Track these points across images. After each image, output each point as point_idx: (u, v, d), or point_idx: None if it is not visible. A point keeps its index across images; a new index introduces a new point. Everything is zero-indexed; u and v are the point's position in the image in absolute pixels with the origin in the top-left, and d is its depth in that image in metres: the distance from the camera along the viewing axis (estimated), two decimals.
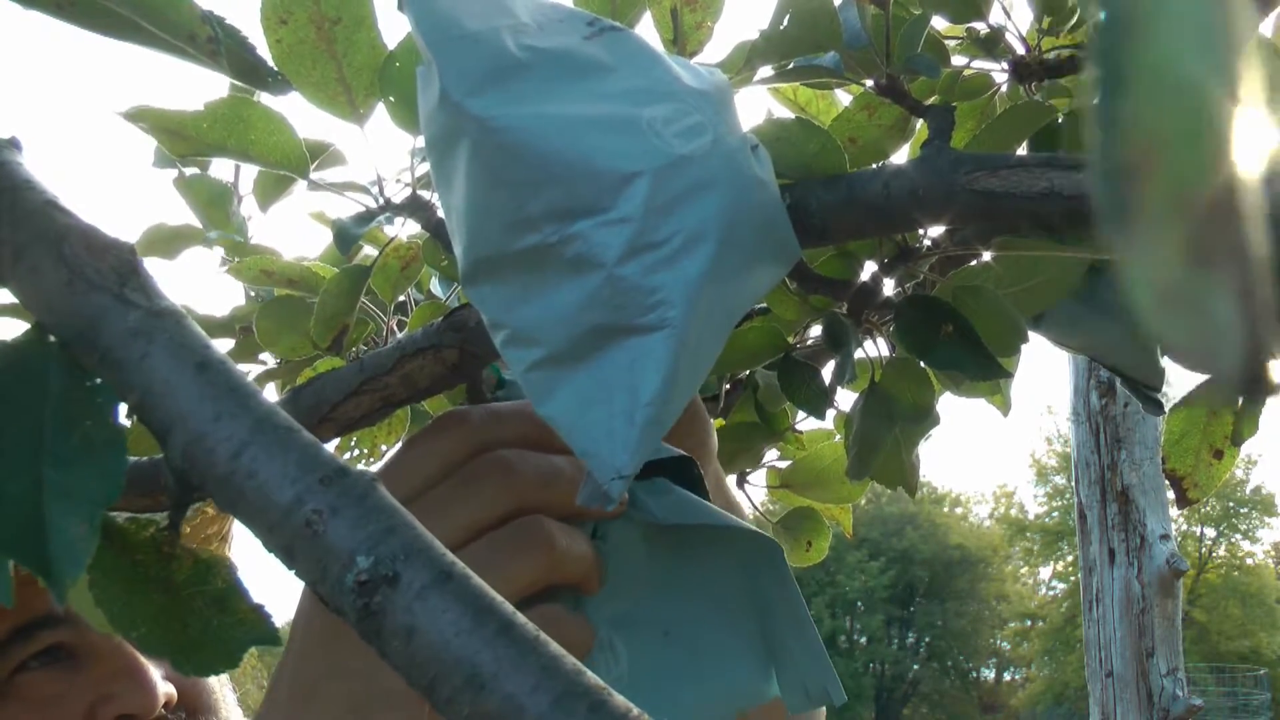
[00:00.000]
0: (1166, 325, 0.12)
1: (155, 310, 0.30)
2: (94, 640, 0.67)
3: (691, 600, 0.50)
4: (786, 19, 0.48)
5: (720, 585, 0.51)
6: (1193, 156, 0.12)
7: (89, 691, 0.66)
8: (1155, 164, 0.12)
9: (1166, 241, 0.12)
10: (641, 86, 0.39)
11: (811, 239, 0.46)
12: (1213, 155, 0.12)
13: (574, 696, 0.24)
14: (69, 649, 0.67)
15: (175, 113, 0.49)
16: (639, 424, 0.37)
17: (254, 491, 0.27)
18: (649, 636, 0.49)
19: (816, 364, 0.59)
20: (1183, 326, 0.12)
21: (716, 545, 0.51)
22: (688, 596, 0.50)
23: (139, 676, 0.67)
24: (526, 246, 0.38)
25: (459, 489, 0.44)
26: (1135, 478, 4.00)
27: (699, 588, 0.51)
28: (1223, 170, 0.12)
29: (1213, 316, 0.12)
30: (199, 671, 0.31)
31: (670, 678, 0.48)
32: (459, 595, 0.26)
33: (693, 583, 0.51)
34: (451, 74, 0.38)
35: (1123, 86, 0.12)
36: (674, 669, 0.48)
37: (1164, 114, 0.12)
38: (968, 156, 0.43)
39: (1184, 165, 0.12)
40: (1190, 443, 0.57)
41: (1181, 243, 0.12)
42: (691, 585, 0.51)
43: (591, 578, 0.47)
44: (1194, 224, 0.12)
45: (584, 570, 0.46)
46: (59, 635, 0.66)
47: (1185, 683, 3.87)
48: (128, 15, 0.33)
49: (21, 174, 0.31)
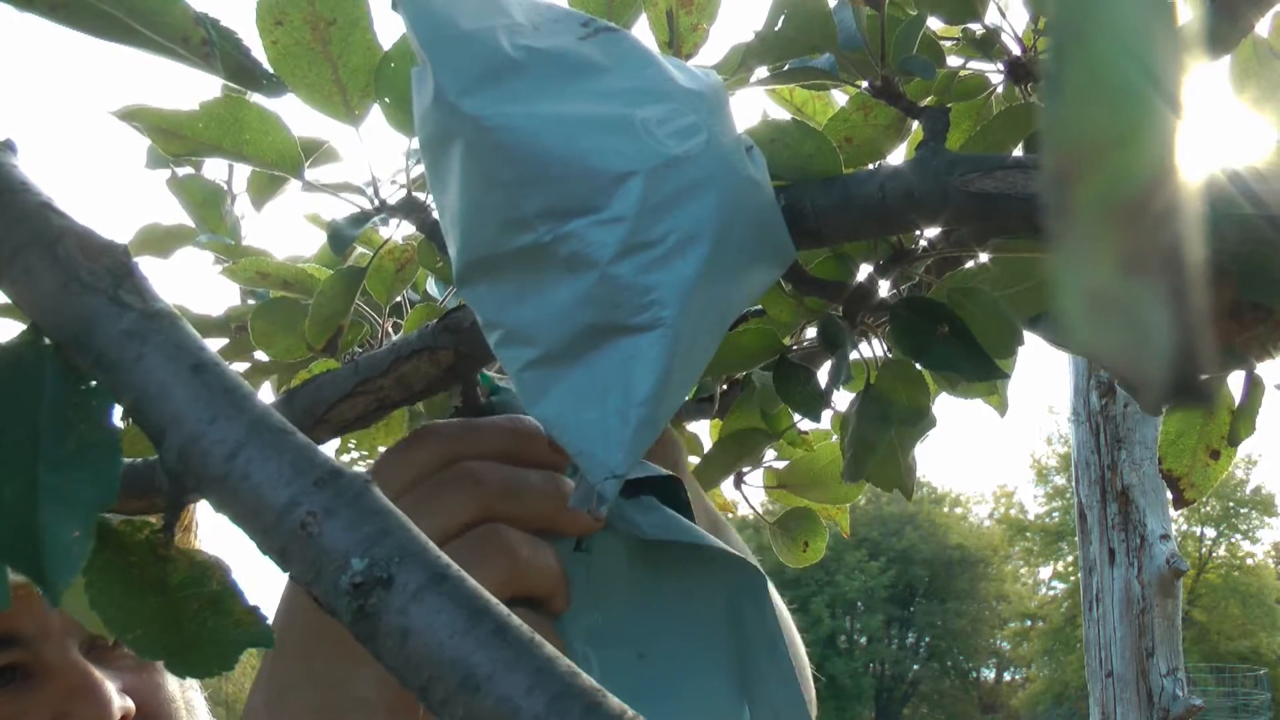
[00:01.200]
0: (1093, 330, 0.12)
1: (150, 312, 0.30)
2: (48, 659, 0.66)
3: (670, 620, 0.50)
4: (781, 20, 0.48)
5: (700, 607, 0.51)
6: (1125, 162, 0.12)
7: (45, 710, 0.66)
8: (1088, 169, 0.12)
9: (1098, 246, 0.12)
10: (636, 87, 0.40)
11: (807, 240, 0.46)
12: (1146, 161, 0.12)
13: (569, 698, 0.24)
14: (24, 668, 0.67)
15: (170, 112, 0.49)
16: (632, 423, 0.37)
17: (249, 493, 0.27)
18: (623, 655, 0.49)
19: (812, 366, 0.59)
20: (1110, 332, 0.12)
21: (699, 566, 0.51)
22: (666, 616, 0.50)
23: (94, 694, 0.66)
24: (521, 246, 0.38)
25: (425, 497, 0.44)
26: (1135, 478, 4.00)
27: (678, 608, 0.51)
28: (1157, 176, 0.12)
29: (1141, 323, 0.12)
30: (195, 673, 0.31)
31: (642, 699, 0.48)
32: (454, 597, 0.26)
33: (672, 602, 0.51)
34: (446, 74, 0.38)
35: (1062, 92, 0.12)
36: (646, 690, 0.48)
37: (1098, 120, 0.12)
38: (963, 158, 0.43)
39: (1116, 171, 0.12)
40: (1187, 443, 0.57)
41: (1112, 247, 0.12)
42: (671, 605, 0.51)
43: (557, 594, 0.46)
44: (1126, 229, 0.12)
45: (549, 585, 0.45)
46: (13, 655, 0.66)
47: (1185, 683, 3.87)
48: (121, 17, 0.33)
49: (16, 176, 0.31)
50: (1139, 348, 0.12)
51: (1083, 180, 0.12)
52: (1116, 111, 0.12)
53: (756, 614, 0.50)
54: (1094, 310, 0.12)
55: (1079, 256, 0.12)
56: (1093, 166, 0.12)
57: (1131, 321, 0.12)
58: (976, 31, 0.53)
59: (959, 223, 0.45)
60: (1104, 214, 0.12)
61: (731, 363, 0.60)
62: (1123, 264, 0.12)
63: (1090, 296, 0.12)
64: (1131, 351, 0.12)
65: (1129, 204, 0.12)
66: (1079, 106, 0.12)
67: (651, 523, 0.49)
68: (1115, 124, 0.12)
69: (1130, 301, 0.12)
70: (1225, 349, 0.49)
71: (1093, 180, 0.12)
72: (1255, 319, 0.47)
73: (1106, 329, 0.12)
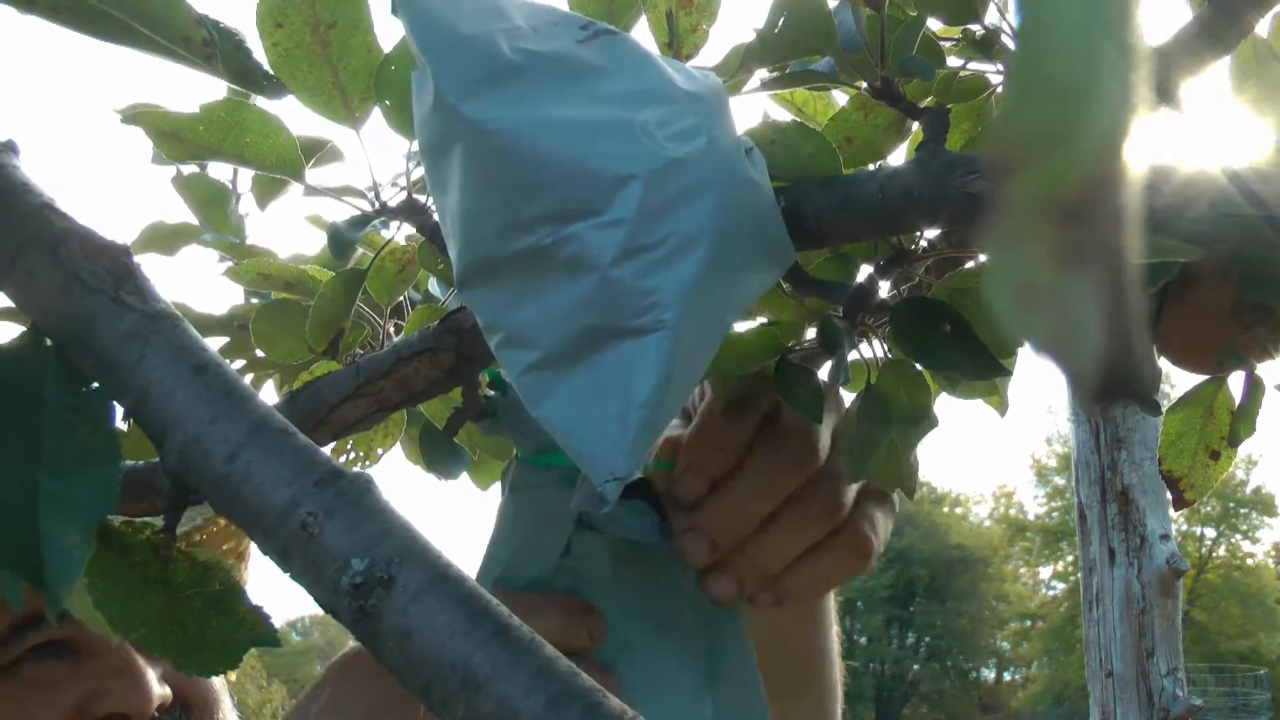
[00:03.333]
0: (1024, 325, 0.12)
1: (151, 313, 0.30)
2: (93, 638, 0.68)
3: (646, 620, 0.52)
4: (781, 21, 0.48)
5: (675, 611, 0.53)
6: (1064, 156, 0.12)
7: (82, 685, 0.66)
8: (1026, 161, 0.12)
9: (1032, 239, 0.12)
10: (636, 90, 0.40)
11: (807, 241, 0.46)
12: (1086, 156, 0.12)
13: (569, 698, 0.24)
14: (70, 644, 0.68)
15: (172, 115, 0.49)
16: (634, 426, 0.37)
17: (250, 494, 0.28)
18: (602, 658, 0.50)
19: (812, 366, 0.59)
20: (1041, 325, 0.12)
21: (679, 571, 0.52)
22: (643, 618, 0.52)
23: (134, 677, 0.67)
24: (521, 249, 0.38)
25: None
26: (1135, 478, 4.00)
27: (655, 610, 0.53)
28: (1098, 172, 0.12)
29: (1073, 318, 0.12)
30: (200, 671, 0.31)
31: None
32: (454, 597, 0.26)
33: (649, 605, 0.52)
34: (446, 78, 0.38)
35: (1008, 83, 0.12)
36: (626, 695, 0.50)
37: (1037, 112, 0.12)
38: (963, 159, 0.43)
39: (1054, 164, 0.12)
40: (1187, 444, 0.56)
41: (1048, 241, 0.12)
42: (648, 607, 0.52)
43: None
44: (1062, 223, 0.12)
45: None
46: (59, 631, 0.67)
47: (1185, 683, 3.87)
48: (123, 19, 0.33)
49: (18, 177, 0.31)
50: (1071, 343, 0.12)
51: (1021, 172, 0.12)
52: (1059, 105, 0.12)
53: (727, 615, 0.52)
54: (1026, 303, 0.12)
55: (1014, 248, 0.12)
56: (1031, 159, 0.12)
57: (1064, 316, 0.12)
58: (976, 32, 0.53)
59: (959, 223, 0.45)
60: (1040, 207, 0.12)
61: (732, 363, 0.60)
62: (1058, 258, 0.12)
63: (1023, 289, 0.12)
64: (1064, 346, 0.12)
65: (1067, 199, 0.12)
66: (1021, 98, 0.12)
67: (638, 528, 0.51)
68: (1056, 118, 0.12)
69: (1064, 296, 0.12)
70: (1225, 349, 0.49)
71: (1031, 173, 0.12)
72: (1255, 319, 0.47)
73: (1039, 322, 0.12)
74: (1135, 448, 4.02)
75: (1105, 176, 0.12)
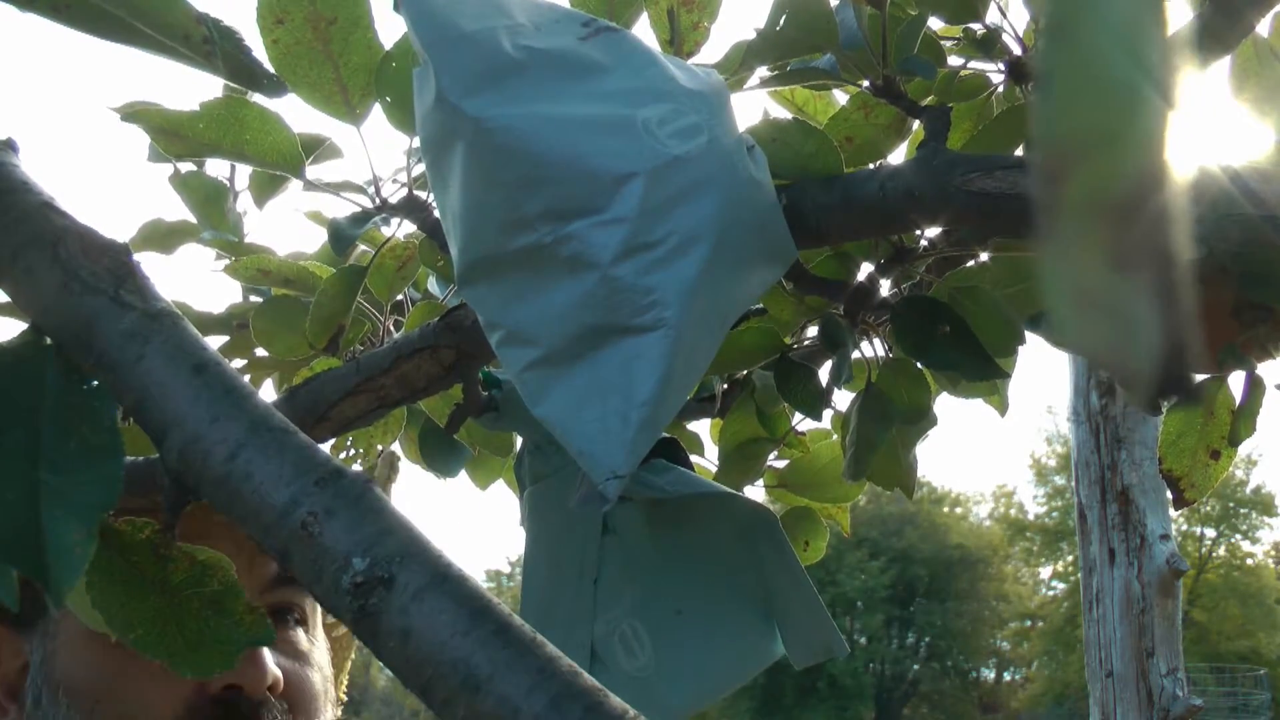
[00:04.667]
0: (1081, 327, 0.12)
1: (151, 312, 0.30)
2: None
3: (697, 573, 0.53)
4: (783, 19, 0.48)
5: (722, 554, 0.54)
6: (1113, 159, 0.12)
7: None
8: (1077, 166, 0.12)
9: (1085, 243, 0.12)
10: (637, 87, 0.40)
11: (808, 240, 0.46)
12: (1134, 158, 0.12)
13: (570, 698, 0.24)
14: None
15: (172, 112, 0.49)
16: (634, 424, 0.37)
17: (250, 493, 0.27)
18: (665, 617, 0.52)
19: (813, 365, 0.59)
20: (1097, 329, 0.12)
21: (715, 516, 0.53)
22: (693, 570, 0.53)
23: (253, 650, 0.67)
24: (522, 247, 0.38)
25: None
26: (1135, 478, 3.99)
27: (703, 559, 0.54)
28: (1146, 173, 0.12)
29: (1128, 320, 0.12)
30: (198, 672, 0.31)
31: (690, 652, 0.51)
32: (455, 597, 0.26)
33: (697, 555, 0.54)
34: (448, 75, 0.38)
35: (1052, 88, 0.12)
36: (692, 644, 0.51)
37: (1085, 117, 0.12)
38: (964, 157, 0.43)
39: (1104, 168, 0.12)
40: (1187, 443, 0.56)
41: (1100, 245, 0.12)
42: (696, 558, 0.54)
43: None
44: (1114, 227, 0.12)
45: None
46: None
47: (1185, 683, 3.86)
48: (123, 17, 0.33)
49: (18, 175, 0.31)
50: (1127, 345, 0.12)
51: (1071, 177, 0.12)
52: (1106, 108, 0.12)
53: (774, 547, 0.53)
54: (1082, 307, 0.12)
55: (1068, 254, 0.12)
56: (1081, 164, 0.12)
57: (1119, 319, 0.12)
58: (977, 31, 0.53)
59: (959, 222, 0.45)
60: (1092, 211, 0.12)
61: (733, 361, 0.60)
62: (1111, 261, 0.12)
63: (1079, 294, 0.12)
64: (1120, 349, 0.12)
65: (1117, 201, 0.12)
66: (1068, 103, 0.12)
67: (669, 481, 0.52)
68: (1104, 121, 0.12)
69: (1118, 299, 0.12)
70: (1225, 349, 0.49)
71: (1081, 178, 0.12)
72: (1255, 319, 0.47)
73: (1095, 326, 0.12)
74: (1135, 448, 4.01)
75: (1153, 176, 0.12)
